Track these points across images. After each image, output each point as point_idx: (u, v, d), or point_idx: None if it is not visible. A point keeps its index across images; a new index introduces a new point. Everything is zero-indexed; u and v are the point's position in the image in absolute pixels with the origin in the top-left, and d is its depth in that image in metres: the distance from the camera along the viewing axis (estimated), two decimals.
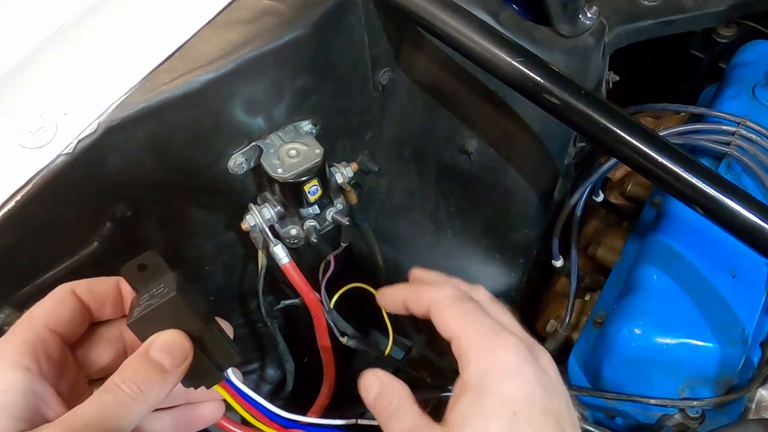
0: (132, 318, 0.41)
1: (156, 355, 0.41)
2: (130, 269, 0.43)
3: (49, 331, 0.42)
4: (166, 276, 0.43)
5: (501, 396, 0.39)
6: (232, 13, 0.62)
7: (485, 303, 0.47)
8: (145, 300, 0.42)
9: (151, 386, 0.40)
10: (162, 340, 0.41)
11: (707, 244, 0.72)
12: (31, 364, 0.40)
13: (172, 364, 0.41)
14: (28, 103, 0.57)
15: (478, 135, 0.84)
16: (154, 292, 0.42)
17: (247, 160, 0.65)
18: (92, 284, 0.45)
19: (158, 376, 0.40)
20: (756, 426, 0.60)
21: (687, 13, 0.84)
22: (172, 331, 0.42)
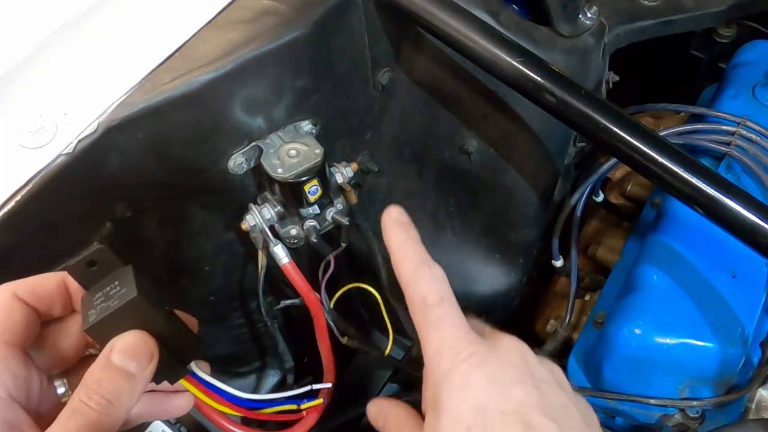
0: (88, 323, 0.38)
1: (119, 360, 0.38)
2: (77, 266, 0.41)
3: (6, 347, 0.39)
4: (120, 272, 0.40)
5: (452, 414, 0.38)
6: (232, 13, 0.62)
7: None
8: (99, 300, 0.39)
9: (119, 396, 0.37)
10: (124, 344, 0.38)
11: (707, 244, 0.72)
12: (2, 391, 0.37)
13: (137, 367, 0.38)
14: (28, 103, 0.57)
15: (478, 135, 0.84)
16: (109, 292, 0.39)
17: (247, 160, 0.65)
18: (35, 284, 0.42)
19: (125, 383, 0.38)
20: (756, 426, 0.60)
21: (687, 13, 0.84)
22: (133, 332, 0.39)
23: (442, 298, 0.44)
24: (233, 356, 0.90)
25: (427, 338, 0.42)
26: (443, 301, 0.44)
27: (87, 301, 0.40)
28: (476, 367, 0.40)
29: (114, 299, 0.39)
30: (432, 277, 0.45)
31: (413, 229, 0.49)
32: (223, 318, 0.84)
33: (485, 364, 0.40)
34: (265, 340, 0.91)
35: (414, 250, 0.47)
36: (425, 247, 0.47)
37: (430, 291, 0.44)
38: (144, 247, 0.68)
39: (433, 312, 0.43)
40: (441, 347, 0.41)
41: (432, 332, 0.42)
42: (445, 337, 0.41)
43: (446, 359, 0.40)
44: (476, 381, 0.39)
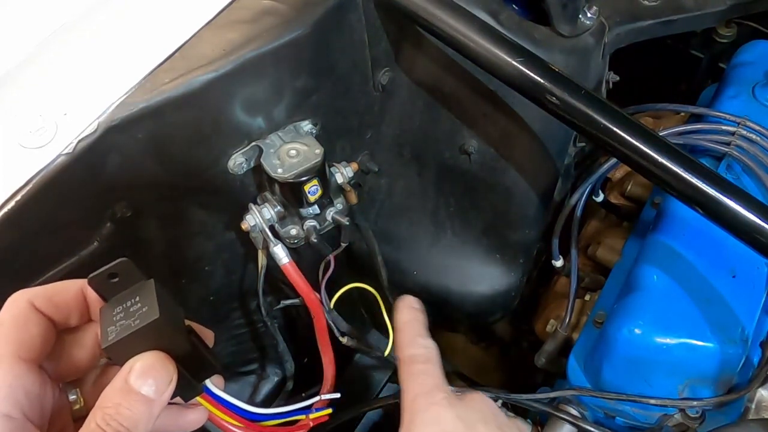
0: (107, 341, 0.37)
1: (137, 384, 0.36)
2: (99, 278, 0.39)
3: (22, 363, 0.37)
4: (142, 287, 0.39)
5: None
6: (232, 13, 0.62)
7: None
8: (119, 316, 0.38)
9: (137, 422, 0.36)
10: (143, 366, 0.37)
11: (707, 244, 0.72)
12: (13, 410, 0.36)
13: (156, 391, 0.37)
14: (28, 103, 0.57)
15: (478, 135, 0.84)
16: (129, 308, 0.38)
17: (247, 160, 0.65)
18: (53, 293, 0.41)
19: (142, 408, 0.36)
20: (756, 426, 0.60)
21: (687, 13, 0.84)
22: (153, 354, 0.37)
23: (428, 359, 0.49)
24: (233, 356, 0.90)
25: (408, 386, 0.47)
26: (428, 361, 0.49)
27: (106, 315, 0.39)
28: (447, 408, 0.45)
29: (135, 318, 0.37)
30: (424, 344, 0.51)
31: (422, 315, 0.55)
32: (223, 318, 0.84)
33: (455, 407, 0.45)
34: (265, 340, 0.91)
35: (417, 326, 0.53)
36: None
37: (419, 353, 0.50)
38: (144, 247, 0.68)
39: (417, 366, 0.49)
40: (418, 394, 0.45)
41: (413, 382, 0.47)
42: (424, 386, 0.47)
43: (421, 403, 0.45)
44: (445, 418, 0.44)
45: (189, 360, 0.39)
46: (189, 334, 0.41)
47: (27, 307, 0.39)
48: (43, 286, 0.41)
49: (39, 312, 0.39)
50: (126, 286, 0.39)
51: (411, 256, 0.94)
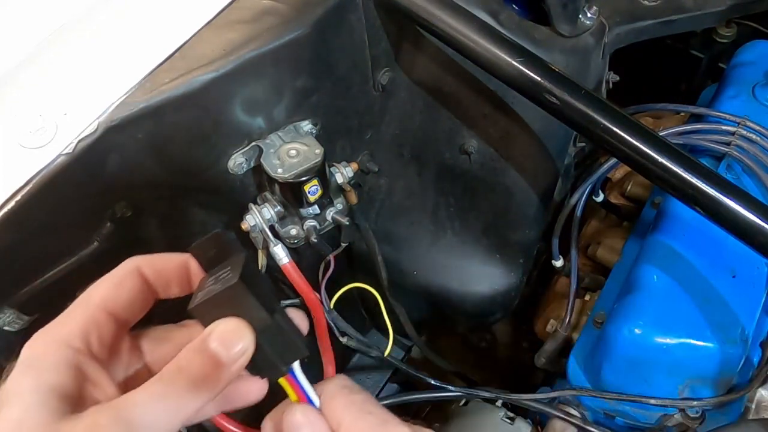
0: (193, 303, 0.39)
1: (213, 346, 0.38)
2: (200, 248, 0.41)
3: (105, 314, 0.40)
4: (234, 257, 0.40)
5: None
6: (232, 13, 0.62)
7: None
8: (210, 283, 0.39)
9: (204, 381, 0.37)
10: (221, 330, 0.38)
11: (707, 244, 0.72)
12: (81, 345, 0.38)
13: (228, 357, 0.38)
14: (28, 103, 0.57)
15: (478, 135, 0.84)
16: (219, 275, 0.39)
17: (247, 160, 0.65)
18: (159, 261, 0.43)
19: (213, 370, 0.38)
20: (756, 426, 0.60)
21: (687, 13, 0.84)
22: (233, 319, 0.39)
23: None
24: None
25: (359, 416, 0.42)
26: None
27: (201, 284, 0.41)
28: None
29: (220, 283, 0.39)
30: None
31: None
32: None
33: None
34: None
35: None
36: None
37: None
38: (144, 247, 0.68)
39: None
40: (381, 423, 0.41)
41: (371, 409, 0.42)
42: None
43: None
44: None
45: (272, 337, 0.40)
46: (274, 309, 0.41)
47: (130, 268, 0.41)
48: (152, 255, 0.43)
49: (141, 276, 0.42)
50: (224, 259, 0.41)
51: (411, 256, 0.94)
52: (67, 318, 0.40)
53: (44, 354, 0.37)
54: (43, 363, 0.37)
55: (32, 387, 0.36)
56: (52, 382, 0.36)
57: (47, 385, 0.36)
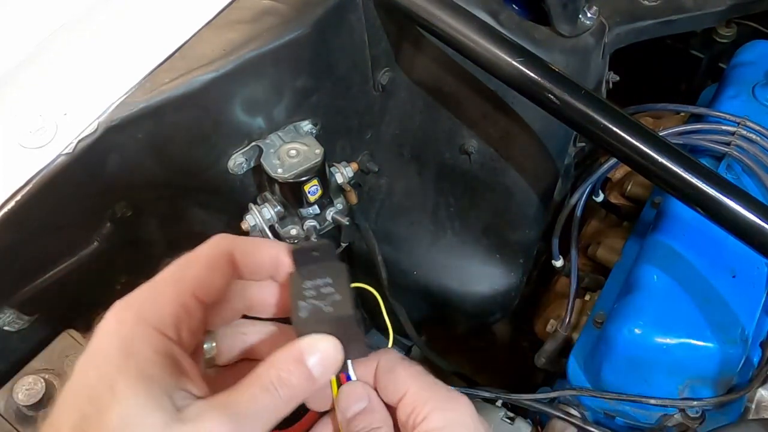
0: (299, 318, 0.38)
1: (311, 362, 0.38)
2: (302, 251, 0.40)
3: (195, 300, 0.38)
4: (334, 270, 0.40)
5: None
6: (232, 13, 0.62)
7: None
8: (310, 293, 0.39)
9: (298, 395, 0.37)
10: (320, 350, 0.38)
11: (707, 244, 0.72)
12: (173, 334, 0.36)
13: (321, 377, 0.38)
14: (28, 103, 0.57)
15: (478, 135, 0.84)
16: (320, 288, 0.39)
17: (247, 160, 0.65)
18: (253, 249, 0.41)
19: (306, 385, 0.38)
20: (756, 426, 0.60)
21: (687, 13, 0.84)
22: (333, 342, 0.39)
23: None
24: None
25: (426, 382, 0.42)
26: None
27: (296, 286, 0.40)
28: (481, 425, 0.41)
29: (327, 302, 0.39)
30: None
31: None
32: None
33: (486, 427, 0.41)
34: None
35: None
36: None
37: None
38: (144, 247, 0.68)
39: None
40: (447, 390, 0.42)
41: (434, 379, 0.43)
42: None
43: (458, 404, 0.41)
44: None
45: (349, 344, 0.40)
46: (360, 323, 0.41)
47: (222, 251, 0.40)
48: (246, 239, 0.42)
49: (232, 261, 0.40)
50: (318, 261, 0.40)
51: (411, 256, 0.94)
52: (158, 299, 0.37)
53: (140, 342, 0.35)
54: (141, 354, 0.34)
55: (136, 383, 0.33)
56: (156, 377, 0.34)
57: (152, 380, 0.34)
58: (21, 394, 0.56)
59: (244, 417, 0.35)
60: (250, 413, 0.35)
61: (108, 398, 0.33)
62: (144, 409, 0.33)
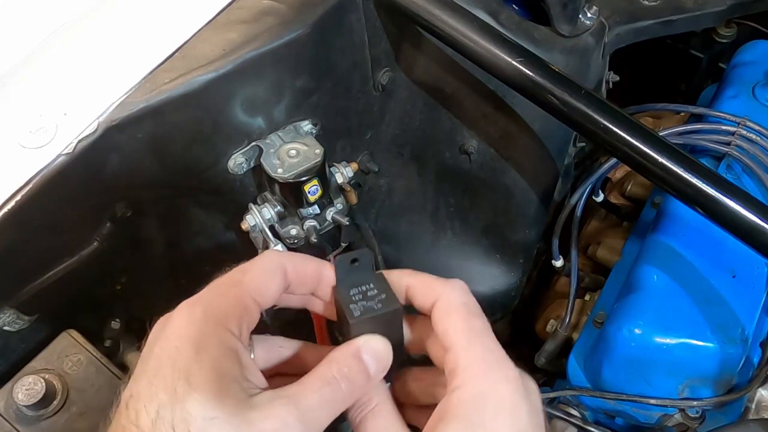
0: (354, 317, 0.41)
1: (367, 358, 0.40)
2: (344, 259, 0.43)
3: (254, 304, 0.40)
4: (373, 277, 0.43)
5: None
6: (232, 13, 0.62)
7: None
8: (357, 297, 0.42)
9: (357, 390, 0.40)
10: (374, 347, 0.41)
11: (707, 244, 0.72)
12: (236, 330, 0.39)
13: (375, 372, 0.40)
14: (28, 103, 0.57)
15: (478, 135, 0.84)
16: (366, 291, 0.42)
17: (247, 160, 0.65)
18: (301, 264, 0.43)
19: (363, 380, 0.40)
20: (756, 426, 0.60)
21: (687, 13, 0.84)
22: (384, 340, 0.41)
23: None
24: None
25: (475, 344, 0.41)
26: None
27: (342, 293, 0.43)
28: (524, 401, 0.39)
29: (376, 302, 0.42)
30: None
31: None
32: None
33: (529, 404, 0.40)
34: None
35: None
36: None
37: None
38: (144, 247, 0.68)
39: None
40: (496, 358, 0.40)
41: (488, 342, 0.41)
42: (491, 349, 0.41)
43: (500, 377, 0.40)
44: (524, 414, 0.39)
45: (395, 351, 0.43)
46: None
47: (278, 267, 0.42)
48: (292, 254, 0.45)
49: (285, 273, 0.42)
50: (360, 273, 0.44)
51: (411, 256, 0.94)
52: (222, 299, 0.39)
53: (209, 337, 0.37)
54: (211, 348, 0.37)
55: (210, 374, 0.35)
56: (226, 369, 0.36)
57: (222, 372, 0.36)
58: (21, 394, 0.56)
59: (308, 407, 0.37)
60: (315, 404, 0.37)
61: (185, 389, 0.35)
62: (219, 397, 0.35)
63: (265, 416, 0.35)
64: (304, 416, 0.36)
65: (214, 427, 0.34)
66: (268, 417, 0.36)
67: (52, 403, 0.58)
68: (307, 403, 0.37)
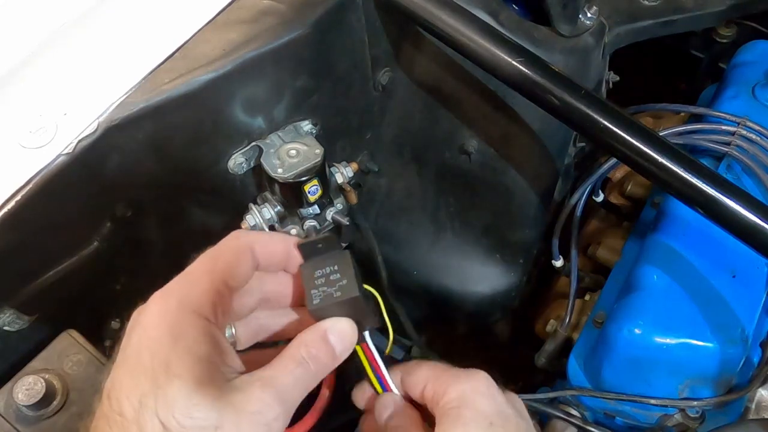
0: (313, 305, 0.43)
1: (333, 339, 0.43)
2: (309, 245, 0.45)
3: (226, 286, 0.42)
4: (339, 258, 0.45)
5: (478, 410, 0.44)
6: (232, 13, 0.62)
7: None
8: (320, 281, 0.44)
9: (325, 369, 0.43)
10: (340, 329, 0.44)
11: (707, 244, 0.72)
12: (212, 316, 0.40)
13: (341, 352, 0.43)
14: (28, 103, 0.57)
15: (478, 135, 0.84)
16: (329, 276, 0.44)
17: (247, 160, 0.65)
18: (269, 242, 0.46)
19: (330, 360, 0.43)
20: (756, 426, 0.60)
21: (687, 13, 0.84)
22: (349, 322, 0.44)
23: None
24: None
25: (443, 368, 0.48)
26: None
27: (306, 276, 0.44)
28: (499, 393, 0.47)
29: (336, 288, 0.44)
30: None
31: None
32: None
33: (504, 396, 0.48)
34: None
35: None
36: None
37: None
38: (144, 247, 0.68)
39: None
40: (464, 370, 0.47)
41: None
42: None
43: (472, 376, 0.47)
44: (501, 399, 0.47)
45: (362, 323, 0.46)
46: (370, 303, 0.47)
47: (247, 247, 0.44)
48: (261, 233, 0.47)
49: (253, 252, 0.44)
50: (323, 252, 0.45)
51: (411, 256, 0.94)
52: (195, 287, 0.41)
53: (186, 325, 0.39)
54: (189, 336, 0.38)
55: (189, 361, 0.37)
56: (205, 355, 0.38)
57: (201, 358, 0.38)
58: (21, 394, 0.56)
59: (284, 387, 0.40)
60: (290, 384, 0.40)
61: (166, 377, 0.36)
62: (200, 382, 0.37)
63: (246, 399, 0.38)
64: (281, 396, 0.39)
65: (197, 412, 0.36)
66: (250, 399, 0.38)
67: (52, 403, 0.58)
68: (282, 384, 0.40)
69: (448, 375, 0.46)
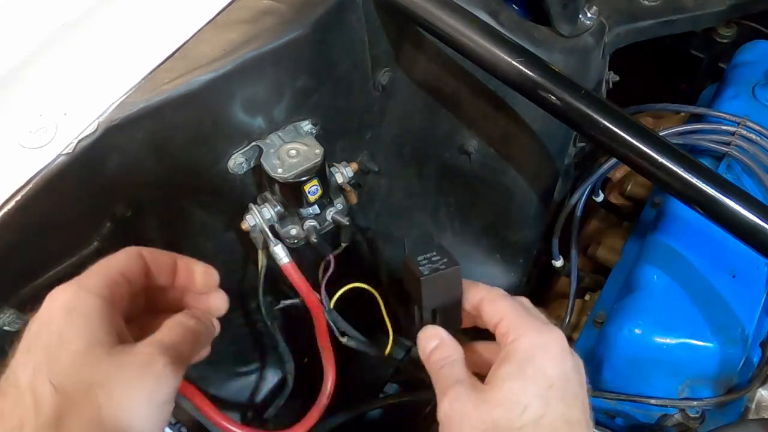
0: (423, 276, 0.49)
1: (198, 280, 0.51)
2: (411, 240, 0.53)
3: (122, 276, 0.46)
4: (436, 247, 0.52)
5: (542, 371, 0.45)
6: (232, 13, 0.62)
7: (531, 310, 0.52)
8: (424, 262, 0.50)
9: (202, 315, 0.50)
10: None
11: (707, 244, 0.72)
12: (108, 295, 0.44)
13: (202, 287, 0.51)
14: (28, 103, 0.57)
15: (478, 135, 0.84)
16: (431, 257, 0.51)
17: (247, 160, 0.65)
18: (155, 252, 0.50)
19: (205, 306, 0.52)
20: (756, 426, 0.60)
21: (687, 13, 0.84)
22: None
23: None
24: (233, 356, 0.90)
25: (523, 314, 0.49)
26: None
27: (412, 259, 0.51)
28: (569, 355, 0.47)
29: (440, 264, 0.50)
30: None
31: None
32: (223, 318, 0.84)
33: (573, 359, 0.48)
34: (265, 340, 0.91)
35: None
36: None
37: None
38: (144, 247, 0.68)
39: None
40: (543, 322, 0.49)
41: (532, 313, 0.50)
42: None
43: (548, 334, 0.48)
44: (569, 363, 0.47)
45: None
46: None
47: (135, 251, 0.49)
48: (148, 248, 0.51)
49: (143, 259, 0.49)
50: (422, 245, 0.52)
51: None
52: (91, 275, 0.45)
53: (80, 301, 0.43)
54: (81, 308, 0.43)
55: (79, 328, 0.41)
56: (95, 324, 0.42)
57: (91, 325, 0.42)
58: None
59: (168, 344, 0.44)
60: (173, 341, 0.45)
61: (57, 344, 0.41)
62: (90, 345, 0.41)
63: (133, 354, 0.42)
64: (166, 351, 0.43)
65: (85, 373, 0.40)
66: (136, 354, 0.42)
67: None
68: (165, 341, 0.44)
69: (526, 323, 0.47)
